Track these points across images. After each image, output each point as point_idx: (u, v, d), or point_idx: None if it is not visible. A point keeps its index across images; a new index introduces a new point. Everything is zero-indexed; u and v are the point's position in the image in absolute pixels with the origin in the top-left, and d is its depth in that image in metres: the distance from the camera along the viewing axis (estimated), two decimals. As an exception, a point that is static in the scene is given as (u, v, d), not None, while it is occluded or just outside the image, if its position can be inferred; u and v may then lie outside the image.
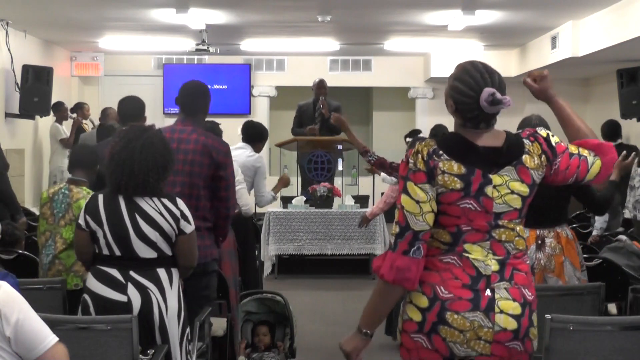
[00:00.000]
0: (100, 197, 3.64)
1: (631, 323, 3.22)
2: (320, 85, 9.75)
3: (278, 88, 13.48)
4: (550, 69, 10.95)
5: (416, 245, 2.52)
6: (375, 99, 14.75)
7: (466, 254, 2.55)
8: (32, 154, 11.01)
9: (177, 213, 3.61)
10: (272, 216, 8.72)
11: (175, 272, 3.63)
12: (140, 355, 3.37)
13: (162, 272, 3.58)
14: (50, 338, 2.68)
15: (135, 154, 3.55)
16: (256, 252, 6.90)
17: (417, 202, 2.53)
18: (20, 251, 5.27)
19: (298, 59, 13.17)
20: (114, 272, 3.55)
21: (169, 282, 3.58)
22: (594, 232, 6.60)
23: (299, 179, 9.72)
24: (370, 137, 14.58)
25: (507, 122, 3.16)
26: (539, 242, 4.25)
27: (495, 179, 2.55)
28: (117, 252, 3.57)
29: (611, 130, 8.58)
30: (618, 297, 4.70)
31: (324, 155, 9.27)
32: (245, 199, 5.98)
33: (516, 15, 9.39)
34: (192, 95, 4.44)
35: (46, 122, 10.85)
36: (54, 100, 10.54)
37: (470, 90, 2.57)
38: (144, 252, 3.56)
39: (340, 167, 9.72)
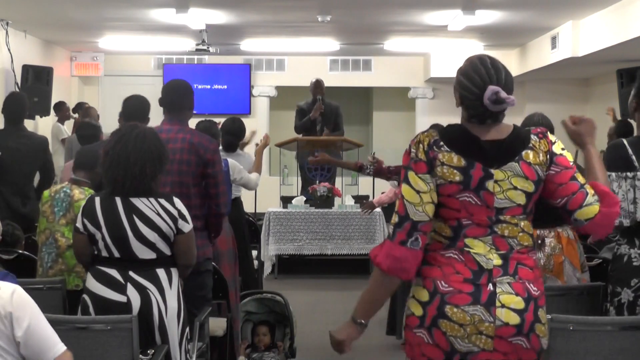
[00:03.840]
0: (97, 199, 3.63)
1: (631, 323, 3.22)
2: (316, 85, 9.73)
3: (278, 88, 13.49)
4: (550, 69, 11.03)
5: (414, 236, 2.52)
6: (375, 99, 14.75)
7: (467, 249, 2.54)
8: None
9: (175, 213, 3.61)
10: (272, 216, 8.72)
11: (174, 272, 3.63)
12: (140, 355, 3.37)
13: (161, 273, 3.57)
14: (59, 346, 2.70)
15: (129, 146, 3.55)
16: (249, 251, 6.84)
17: (418, 192, 2.53)
18: (20, 251, 5.27)
19: (298, 59, 13.16)
20: (113, 273, 3.54)
21: (168, 283, 3.57)
22: (594, 232, 6.58)
23: (299, 179, 9.73)
24: (370, 137, 14.58)
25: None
26: (539, 241, 4.23)
27: (497, 174, 2.53)
28: (116, 254, 3.56)
29: (626, 129, 8.53)
30: (618, 297, 4.68)
31: (324, 155, 9.26)
32: (252, 183, 6.10)
33: (516, 15, 9.39)
34: (176, 94, 4.43)
35: (46, 122, 10.84)
36: (54, 101, 10.54)
37: (475, 87, 2.55)
38: (143, 253, 3.56)
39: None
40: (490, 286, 2.50)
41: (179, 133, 4.26)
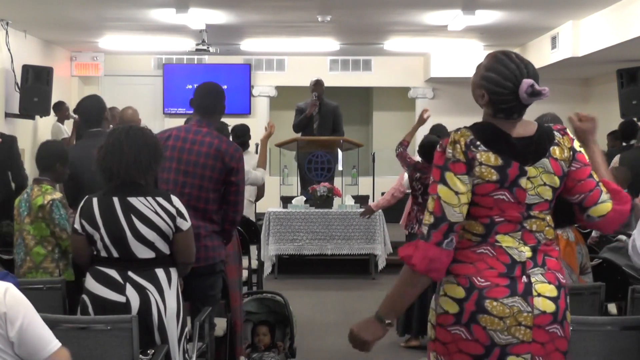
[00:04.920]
0: (95, 200, 3.62)
1: (631, 323, 3.22)
2: (315, 83, 9.77)
3: (278, 88, 13.49)
4: (550, 69, 11.02)
5: (450, 237, 2.51)
6: (375, 99, 14.75)
7: (499, 243, 2.56)
8: (32, 154, 11.00)
9: (173, 211, 3.60)
10: (272, 216, 8.72)
11: (173, 272, 3.63)
12: (140, 355, 3.37)
13: (160, 272, 3.57)
14: (54, 343, 2.69)
15: (122, 137, 3.57)
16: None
17: (456, 193, 2.51)
18: (20, 251, 5.27)
19: (298, 59, 13.17)
20: (113, 273, 3.54)
21: (167, 283, 3.57)
22: (593, 234, 6.59)
23: (299, 179, 9.72)
24: (370, 137, 14.58)
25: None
26: None
27: (531, 170, 2.55)
28: (115, 254, 3.56)
29: (631, 129, 8.53)
30: (618, 297, 4.69)
31: (324, 155, 9.27)
32: (259, 180, 6.29)
33: (516, 15, 9.39)
34: (208, 96, 4.45)
35: (46, 122, 10.84)
36: (54, 100, 10.54)
37: (507, 81, 2.55)
38: (142, 252, 3.56)
39: (340, 167, 9.72)
40: (525, 278, 2.53)
41: (206, 137, 4.26)
